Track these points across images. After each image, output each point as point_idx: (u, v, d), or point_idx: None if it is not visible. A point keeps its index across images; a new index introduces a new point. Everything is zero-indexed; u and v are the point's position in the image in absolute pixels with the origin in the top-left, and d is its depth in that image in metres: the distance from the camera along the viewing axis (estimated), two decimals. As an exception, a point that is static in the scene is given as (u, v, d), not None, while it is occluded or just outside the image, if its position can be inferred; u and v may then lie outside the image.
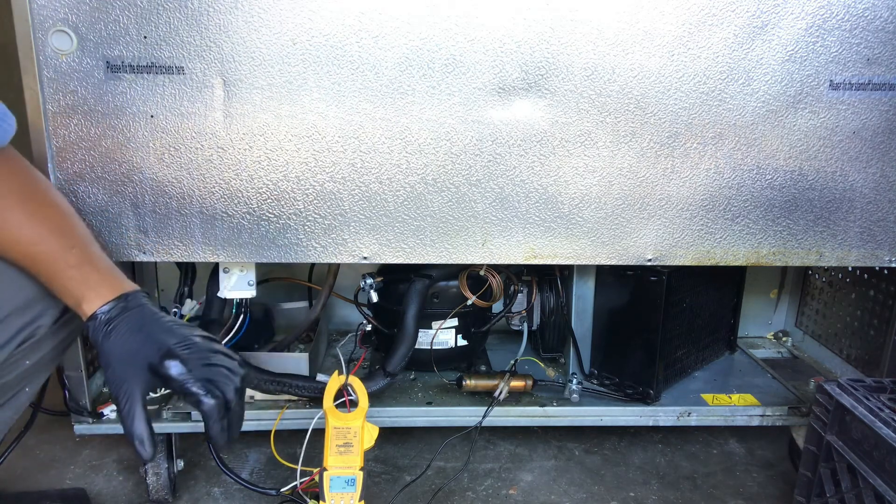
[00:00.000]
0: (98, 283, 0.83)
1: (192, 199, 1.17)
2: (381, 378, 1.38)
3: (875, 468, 1.07)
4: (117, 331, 0.81)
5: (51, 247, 0.81)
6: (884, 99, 1.19)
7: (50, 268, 0.81)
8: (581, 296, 1.49)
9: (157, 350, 0.82)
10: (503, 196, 1.21)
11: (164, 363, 0.82)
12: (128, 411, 0.81)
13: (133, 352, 0.81)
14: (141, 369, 0.81)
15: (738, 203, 1.24)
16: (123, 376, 0.81)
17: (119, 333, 0.81)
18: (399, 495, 1.42)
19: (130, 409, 0.81)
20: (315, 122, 1.14)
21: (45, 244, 0.81)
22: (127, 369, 0.81)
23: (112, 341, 0.80)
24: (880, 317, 1.49)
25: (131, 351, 0.81)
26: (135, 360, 0.81)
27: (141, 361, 0.81)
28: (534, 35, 1.12)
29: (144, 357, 0.81)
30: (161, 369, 0.81)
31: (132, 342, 0.81)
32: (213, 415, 0.84)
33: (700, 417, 1.44)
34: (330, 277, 1.44)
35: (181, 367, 0.82)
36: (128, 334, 0.81)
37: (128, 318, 0.82)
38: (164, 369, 0.81)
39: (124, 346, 0.80)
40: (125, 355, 0.80)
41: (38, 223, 0.81)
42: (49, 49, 1.07)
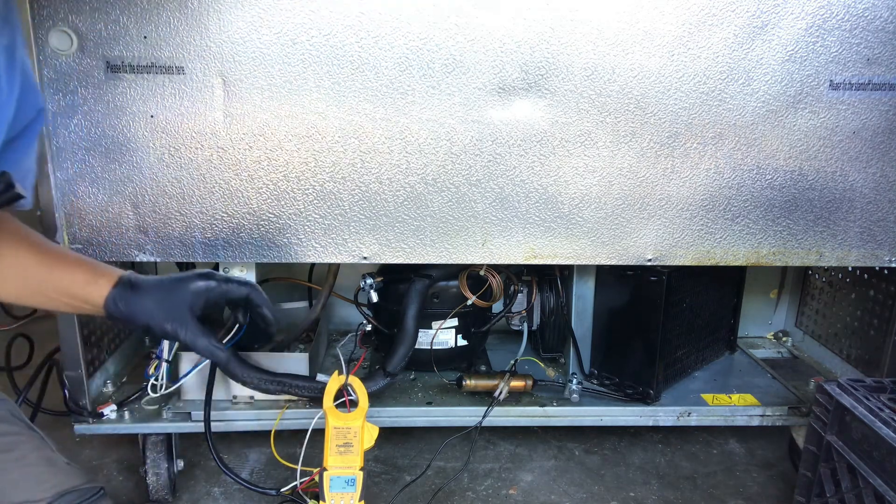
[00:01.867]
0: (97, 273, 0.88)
1: (192, 199, 1.17)
2: (381, 378, 1.38)
3: (875, 468, 1.07)
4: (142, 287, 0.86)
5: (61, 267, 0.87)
6: (884, 99, 1.19)
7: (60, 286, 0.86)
8: (581, 296, 1.49)
9: (190, 277, 0.89)
10: (503, 196, 1.21)
11: (201, 282, 0.89)
12: (190, 334, 0.87)
13: (167, 290, 0.87)
14: (180, 300, 0.87)
15: (738, 203, 1.24)
16: (170, 313, 0.86)
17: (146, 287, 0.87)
18: (399, 495, 1.42)
19: (189, 331, 0.87)
20: (315, 122, 1.14)
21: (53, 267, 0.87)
22: (169, 306, 0.87)
23: (142, 294, 0.86)
24: (880, 317, 1.49)
25: (166, 291, 0.87)
26: (173, 295, 0.87)
27: (178, 294, 0.88)
28: (534, 35, 1.12)
29: (179, 289, 0.88)
30: (201, 285, 0.89)
31: (161, 288, 0.87)
32: (263, 297, 0.94)
33: (700, 417, 1.44)
34: (330, 277, 1.44)
35: (214, 280, 0.91)
36: (154, 286, 0.87)
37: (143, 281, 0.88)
38: (204, 282, 0.89)
39: (157, 294, 0.87)
40: (162, 297, 0.87)
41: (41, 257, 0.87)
42: (49, 49, 1.07)
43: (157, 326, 0.86)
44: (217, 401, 1.35)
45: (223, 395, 1.37)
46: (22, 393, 1.33)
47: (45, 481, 0.86)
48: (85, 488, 0.88)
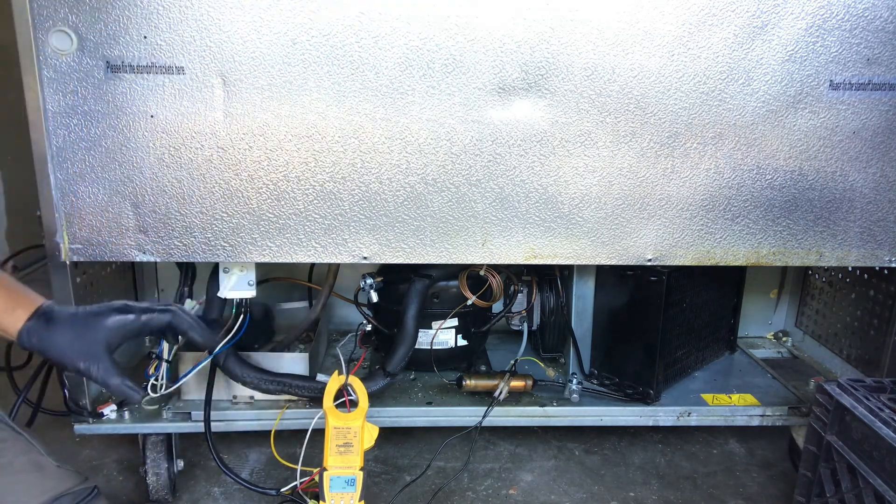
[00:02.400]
0: (14, 303, 0.85)
1: (192, 199, 1.17)
2: (381, 378, 1.38)
3: (875, 468, 1.07)
4: (57, 321, 0.84)
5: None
6: (884, 99, 1.19)
7: None
8: (581, 296, 1.49)
9: (106, 311, 0.86)
10: (503, 196, 1.21)
11: (117, 316, 0.86)
12: (102, 372, 0.84)
13: (81, 325, 0.85)
14: (94, 337, 0.84)
15: (738, 203, 1.24)
16: (83, 349, 0.84)
17: (60, 321, 0.84)
18: (399, 495, 1.42)
19: (101, 369, 0.84)
20: (315, 122, 1.14)
21: None
22: (83, 342, 0.84)
23: (55, 329, 0.83)
24: (880, 317, 1.49)
25: (80, 327, 0.84)
26: (87, 331, 0.84)
27: (92, 331, 0.85)
28: (534, 35, 1.12)
29: (94, 325, 0.85)
30: (117, 319, 0.86)
31: (76, 323, 0.85)
32: (186, 320, 0.90)
33: (700, 417, 1.44)
34: (330, 277, 1.44)
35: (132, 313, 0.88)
36: (68, 320, 0.85)
37: (59, 314, 0.85)
38: (120, 317, 0.86)
39: (71, 329, 0.84)
40: (76, 333, 0.84)
41: None
42: (49, 49, 1.07)
43: (69, 363, 0.84)
44: (217, 401, 1.35)
45: (223, 395, 1.37)
46: (22, 393, 1.32)
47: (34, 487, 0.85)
48: (78, 490, 0.88)
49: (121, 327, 0.86)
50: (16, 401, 1.31)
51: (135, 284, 1.66)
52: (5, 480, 0.84)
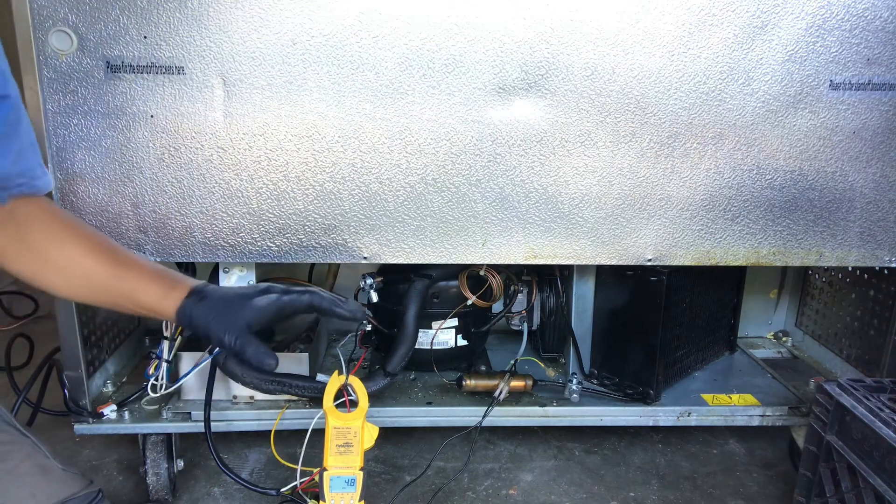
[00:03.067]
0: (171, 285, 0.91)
1: (192, 199, 1.17)
2: (381, 378, 1.38)
3: (875, 468, 1.07)
4: (208, 300, 0.90)
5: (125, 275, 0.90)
6: (884, 99, 1.19)
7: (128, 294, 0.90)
8: (581, 296, 1.49)
9: (251, 294, 0.93)
10: (503, 196, 1.21)
11: (261, 298, 0.92)
12: (239, 344, 0.89)
13: (228, 304, 0.91)
14: (239, 314, 0.90)
15: (738, 203, 1.24)
16: (226, 325, 0.89)
17: (211, 300, 0.90)
18: (399, 495, 1.42)
19: (239, 341, 0.89)
20: (315, 122, 1.14)
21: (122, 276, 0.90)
22: (227, 318, 0.90)
23: (207, 306, 0.90)
24: (880, 317, 1.49)
25: (226, 305, 0.91)
26: (231, 309, 0.90)
27: (238, 307, 0.91)
28: (534, 35, 1.12)
29: (240, 304, 0.91)
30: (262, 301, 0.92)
31: (223, 302, 0.91)
32: (327, 299, 0.95)
33: (700, 417, 1.44)
34: (330, 277, 1.44)
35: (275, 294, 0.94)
36: (217, 300, 0.91)
37: (211, 293, 0.92)
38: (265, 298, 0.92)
39: (218, 307, 0.90)
40: (222, 311, 0.90)
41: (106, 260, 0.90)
42: (49, 49, 1.07)
43: (213, 336, 0.89)
44: (217, 401, 1.35)
45: (223, 395, 1.37)
46: (22, 393, 1.33)
47: (39, 492, 0.85)
48: (82, 495, 0.88)
49: (264, 307, 0.91)
50: (16, 401, 1.31)
51: (135, 284, 1.65)
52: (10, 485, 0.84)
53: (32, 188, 0.86)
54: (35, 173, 0.86)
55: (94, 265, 0.88)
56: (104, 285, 0.89)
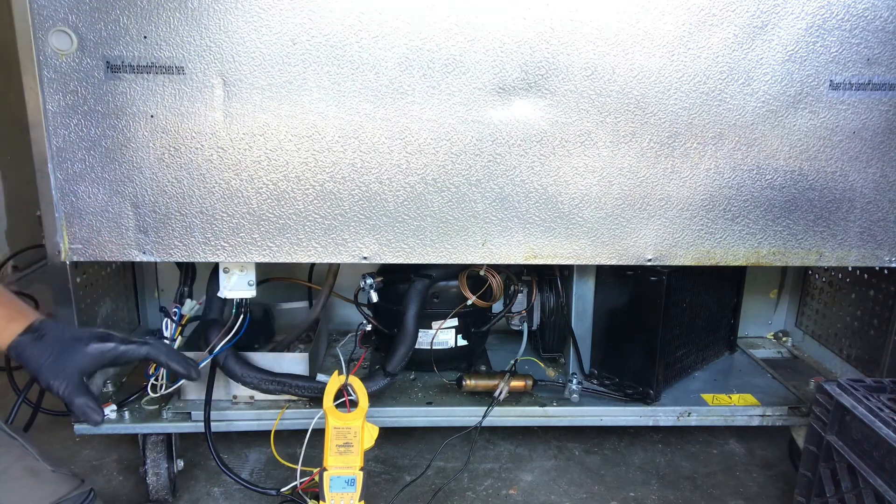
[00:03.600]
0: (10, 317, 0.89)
1: (192, 199, 1.17)
2: (381, 378, 1.38)
3: (875, 468, 1.07)
4: (44, 339, 0.88)
5: None
6: (884, 99, 1.19)
7: None
8: (581, 296, 1.49)
9: (87, 338, 0.91)
10: (503, 196, 1.21)
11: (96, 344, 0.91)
12: (67, 392, 0.87)
13: (63, 347, 0.89)
14: (72, 360, 0.88)
15: (738, 203, 1.24)
16: (57, 369, 0.87)
17: (47, 340, 0.88)
18: (399, 495, 1.42)
19: (68, 389, 0.87)
20: (315, 122, 1.14)
21: None
22: (60, 362, 0.88)
23: (40, 346, 0.88)
24: (880, 317, 1.49)
25: (61, 348, 0.88)
26: (66, 353, 0.88)
27: (72, 352, 0.89)
28: (534, 35, 1.12)
29: (74, 349, 0.89)
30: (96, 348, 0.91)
31: (58, 343, 0.89)
32: (163, 352, 0.96)
33: (700, 417, 1.44)
34: (330, 277, 1.44)
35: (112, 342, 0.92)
36: (53, 340, 0.89)
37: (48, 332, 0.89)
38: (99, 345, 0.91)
39: (53, 348, 0.88)
40: (56, 353, 0.88)
41: None
42: (49, 49, 1.07)
43: (41, 379, 0.87)
44: (217, 401, 1.35)
45: (223, 395, 1.37)
46: (22, 393, 1.32)
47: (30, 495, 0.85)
48: (74, 496, 0.88)
49: (98, 354, 0.91)
50: (16, 401, 1.31)
51: (135, 284, 1.66)
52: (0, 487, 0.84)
53: None
54: None
55: None
56: None
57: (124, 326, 1.57)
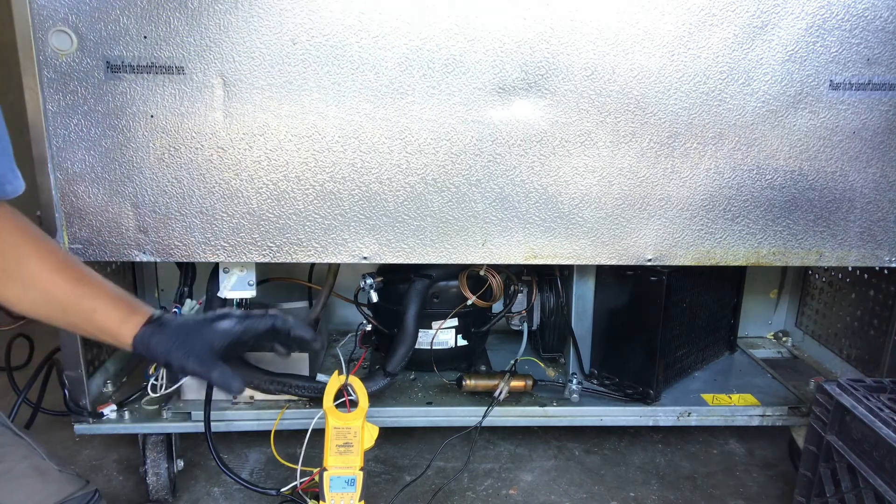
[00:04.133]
0: (131, 310, 0.89)
1: (192, 199, 1.17)
2: (381, 378, 1.38)
3: (875, 468, 1.07)
4: (168, 327, 0.89)
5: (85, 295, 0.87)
6: (884, 99, 1.19)
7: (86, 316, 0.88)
8: (581, 296, 1.49)
9: (211, 319, 0.92)
10: (503, 196, 1.21)
11: (223, 322, 0.91)
12: (203, 366, 0.88)
13: (189, 330, 0.89)
14: (202, 339, 0.89)
15: (738, 203, 1.24)
16: (188, 350, 0.88)
17: (171, 327, 0.89)
18: (399, 495, 1.42)
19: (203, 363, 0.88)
20: (315, 122, 1.14)
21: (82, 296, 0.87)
22: (189, 344, 0.88)
23: (166, 334, 0.88)
24: (880, 317, 1.49)
25: (186, 332, 0.89)
26: (192, 334, 0.89)
27: (199, 333, 0.90)
28: (534, 35, 1.12)
29: (201, 329, 0.90)
30: (224, 325, 0.91)
31: (183, 329, 0.90)
32: (287, 321, 0.94)
33: (700, 417, 1.44)
34: (330, 277, 1.44)
35: (235, 319, 0.93)
36: (178, 326, 0.90)
37: (170, 321, 0.90)
38: (226, 323, 0.91)
39: (179, 334, 0.88)
40: (183, 337, 0.88)
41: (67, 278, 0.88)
42: (49, 49, 1.07)
43: (175, 363, 0.88)
44: (217, 401, 1.35)
45: (223, 395, 1.37)
46: (22, 393, 1.32)
47: (37, 493, 0.85)
48: (80, 495, 0.88)
49: (225, 331, 0.90)
50: (16, 401, 1.31)
51: (135, 284, 1.66)
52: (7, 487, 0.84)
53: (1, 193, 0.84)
54: (6, 178, 0.84)
55: (55, 282, 0.85)
56: (62, 304, 0.86)
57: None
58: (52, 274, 0.86)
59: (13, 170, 0.86)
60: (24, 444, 0.90)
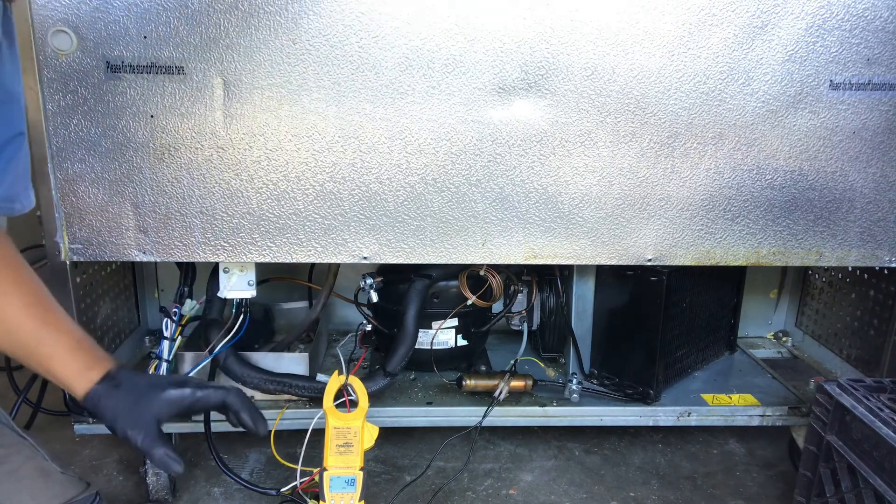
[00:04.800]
0: (88, 364, 0.87)
1: (192, 199, 1.17)
2: (381, 378, 1.38)
3: (875, 468, 1.07)
4: (119, 389, 0.86)
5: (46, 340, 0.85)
6: (884, 99, 1.19)
7: (43, 361, 0.85)
8: (581, 296, 1.49)
9: (164, 385, 0.89)
10: (503, 196, 1.21)
11: (174, 391, 0.89)
12: (147, 443, 0.85)
13: (139, 396, 0.87)
14: (148, 408, 0.87)
15: (738, 203, 1.24)
16: (134, 419, 0.85)
17: (121, 390, 0.86)
18: (399, 495, 1.42)
19: (147, 440, 0.85)
20: (315, 122, 1.14)
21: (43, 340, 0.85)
22: (136, 412, 0.86)
23: (117, 396, 0.86)
24: (880, 317, 1.49)
25: (136, 397, 0.87)
26: (142, 402, 0.87)
27: (148, 400, 0.87)
28: (534, 35, 1.12)
29: (150, 397, 0.87)
30: (174, 394, 0.89)
31: (134, 392, 0.87)
32: (239, 401, 0.92)
33: (700, 417, 1.44)
34: (330, 277, 1.44)
35: (189, 388, 0.90)
36: (129, 389, 0.87)
37: (124, 381, 0.88)
38: (178, 392, 0.89)
39: (128, 398, 0.86)
40: (132, 403, 0.86)
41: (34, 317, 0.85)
42: (49, 49, 1.07)
43: (119, 430, 0.86)
44: (217, 401, 1.34)
45: (223, 395, 1.37)
46: (22, 393, 1.33)
47: (40, 494, 0.85)
48: (82, 498, 0.88)
49: (175, 402, 0.88)
50: (16, 401, 1.31)
51: (135, 284, 1.66)
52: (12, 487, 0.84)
53: (9, 211, 0.84)
54: (18, 197, 0.84)
55: (20, 320, 0.83)
56: (22, 342, 0.84)
57: (124, 326, 1.57)
58: (21, 313, 0.83)
59: (27, 188, 0.86)
60: (28, 445, 0.90)
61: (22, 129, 0.83)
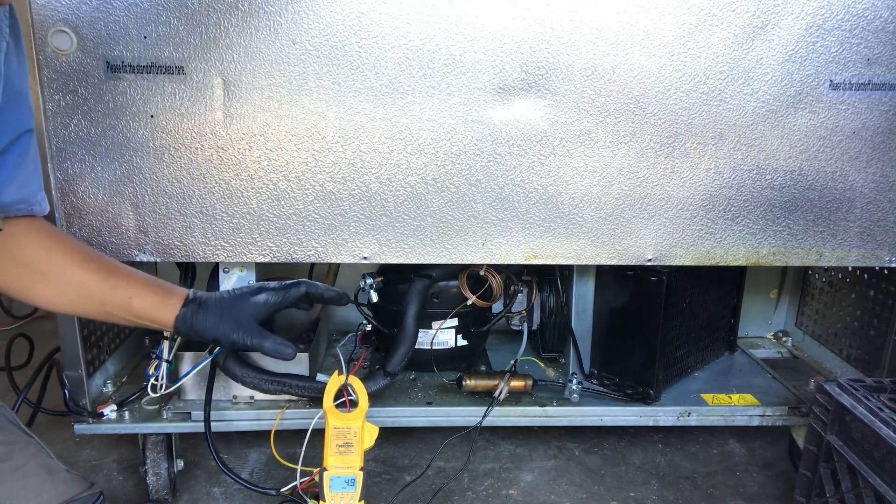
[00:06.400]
0: (166, 294, 0.94)
1: (192, 199, 1.17)
2: (381, 378, 1.38)
3: (875, 468, 1.07)
4: (208, 305, 0.94)
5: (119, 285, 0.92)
6: (884, 99, 1.19)
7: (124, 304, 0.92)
8: (581, 296, 1.49)
9: (248, 293, 0.98)
10: (503, 196, 1.21)
11: (259, 296, 0.98)
12: (255, 338, 0.94)
13: (229, 305, 0.95)
14: (244, 312, 0.95)
15: (738, 203, 1.24)
16: (234, 324, 0.93)
17: (210, 305, 0.94)
18: (399, 495, 1.42)
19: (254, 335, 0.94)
20: (315, 122, 1.14)
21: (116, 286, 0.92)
22: (233, 318, 0.94)
23: (208, 312, 0.93)
24: (880, 317, 1.49)
25: (228, 307, 0.95)
26: (234, 309, 0.95)
27: (240, 306, 0.95)
28: (534, 35, 1.12)
29: (241, 303, 0.96)
30: (261, 298, 0.97)
31: (223, 304, 0.95)
32: (315, 286, 1.01)
33: (700, 417, 1.44)
34: (330, 277, 1.44)
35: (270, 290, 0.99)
36: (217, 303, 0.95)
37: (207, 299, 0.96)
38: (263, 296, 0.98)
39: (220, 310, 0.94)
40: (225, 312, 0.94)
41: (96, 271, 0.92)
42: (49, 49, 1.07)
43: (224, 337, 0.92)
44: (217, 401, 1.35)
45: (223, 395, 1.37)
46: (22, 393, 1.33)
47: (44, 492, 0.86)
48: (86, 496, 0.88)
49: (264, 301, 0.97)
50: (16, 401, 1.31)
51: (135, 284, 1.65)
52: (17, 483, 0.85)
53: (29, 212, 0.87)
54: (35, 199, 0.88)
55: (87, 276, 0.89)
56: (97, 296, 0.89)
57: (124, 326, 1.57)
58: (84, 270, 0.89)
59: (41, 190, 0.90)
60: (34, 442, 0.90)
61: (30, 127, 0.86)
